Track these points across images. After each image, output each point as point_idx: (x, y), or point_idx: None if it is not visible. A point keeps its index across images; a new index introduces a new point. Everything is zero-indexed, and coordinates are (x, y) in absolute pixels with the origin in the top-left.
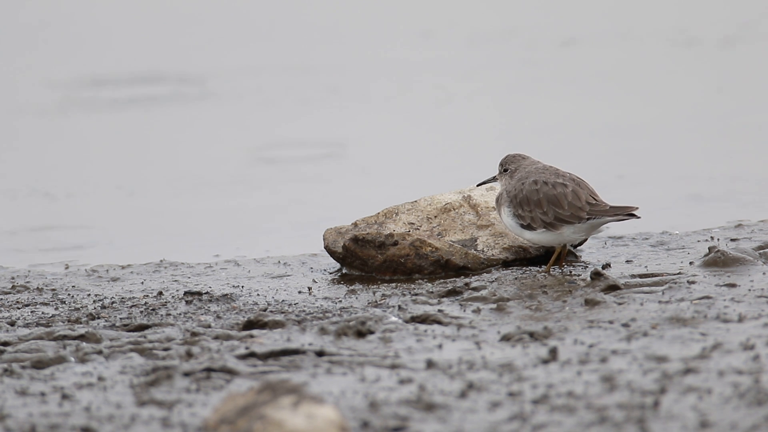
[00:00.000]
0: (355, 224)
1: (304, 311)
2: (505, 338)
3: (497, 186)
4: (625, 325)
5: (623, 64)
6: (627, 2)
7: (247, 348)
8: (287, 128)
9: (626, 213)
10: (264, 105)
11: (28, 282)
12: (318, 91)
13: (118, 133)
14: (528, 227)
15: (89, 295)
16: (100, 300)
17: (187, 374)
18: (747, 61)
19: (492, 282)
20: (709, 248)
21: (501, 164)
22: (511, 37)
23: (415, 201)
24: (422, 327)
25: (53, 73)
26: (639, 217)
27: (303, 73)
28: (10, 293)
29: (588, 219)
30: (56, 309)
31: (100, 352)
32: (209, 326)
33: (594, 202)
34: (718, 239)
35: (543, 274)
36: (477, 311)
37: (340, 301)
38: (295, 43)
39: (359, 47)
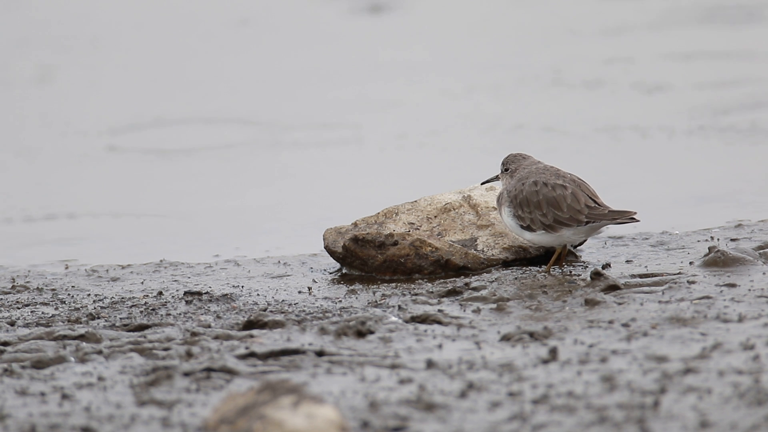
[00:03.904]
0: (355, 224)
1: (304, 311)
2: (505, 338)
3: (498, 185)
4: (625, 325)
5: (622, 63)
6: (626, 2)
7: (247, 348)
8: (288, 128)
9: (626, 217)
10: (266, 105)
11: (28, 282)
12: (317, 92)
13: (116, 132)
14: (528, 228)
15: (89, 295)
16: (100, 300)
17: (187, 374)
18: (745, 60)
19: (492, 282)
20: (709, 248)
21: (503, 163)
22: (510, 36)
23: (415, 201)
24: (422, 327)
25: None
26: (638, 221)
27: (302, 75)
28: (10, 293)
29: (587, 222)
30: (56, 309)
31: (100, 352)
32: (209, 326)
33: (593, 204)
34: (718, 239)
35: (543, 274)
36: (477, 311)
37: (340, 301)
38: (292, 45)
39: (360, 49)
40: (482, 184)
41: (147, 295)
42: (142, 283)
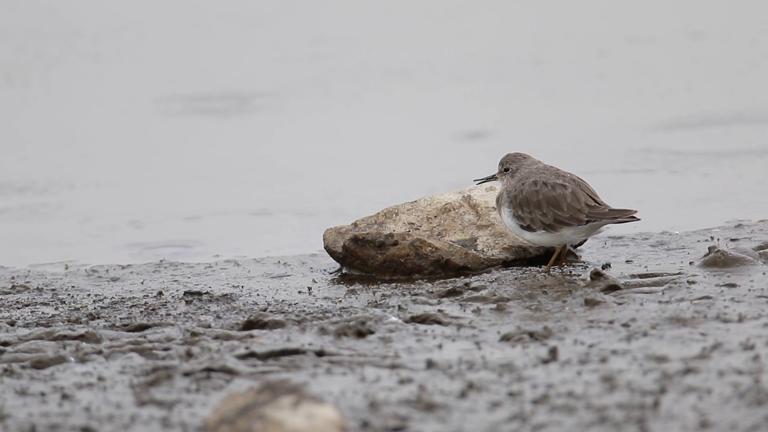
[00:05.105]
0: (355, 224)
1: (304, 311)
2: (505, 338)
3: (497, 185)
4: (625, 325)
5: (622, 62)
6: (625, 2)
7: (247, 348)
8: (286, 131)
9: (626, 216)
10: (268, 109)
11: (28, 282)
12: (315, 93)
13: (119, 133)
14: (528, 228)
15: (89, 295)
16: (100, 300)
17: (187, 374)
18: (747, 59)
19: (492, 282)
20: (709, 248)
21: (501, 163)
22: (509, 36)
23: (415, 201)
24: (422, 327)
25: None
26: (639, 219)
27: (301, 79)
28: (10, 293)
29: (587, 221)
30: (56, 309)
31: (100, 352)
32: (209, 326)
33: (594, 203)
34: (718, 239)
35: (543, 274)
36: (477, 311)
37: (340, 301)
38: (288, 49)
39: (357, 48)
40: (477, 182)
41: (147, 295)
42: (142, 283)
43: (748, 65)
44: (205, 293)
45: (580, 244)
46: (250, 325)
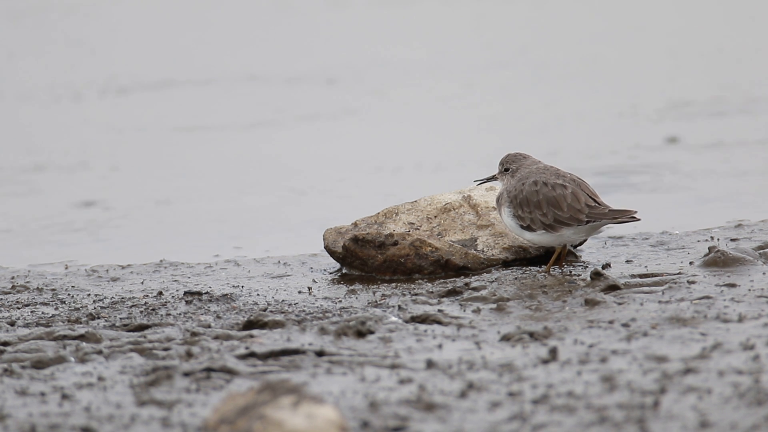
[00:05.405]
0: (355, 224)
1: (304, 311)
2: (505, 338)
3: (498, 185)
4: (625, 325)
5: (621, 61)
6: (623, 2)
7: (247, 348)
8: (286, 131)
9: (626, 216)
10: (266, 111)
11: (28, 282)
12: (313, 91)
13: (117, 132)
14: (528, 228)
15: (89, 295)
16: (100, 300)
17: (187, 374)
18: (748, 59)
19: (492, 282)
20: (709, 248)
21: (501, 163)
22: (509, 37)
23: (415, 201)
24: (422, 327)
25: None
26: (639, 220)
27: (298, 78)
28: (10, 293)
29: (587, 222)
30: (56, 309)
31: (100, 352)
32: (209, 326)
33: (594, 204)
34: (718, 239)
35: (543, 274)
36: (477, 311)
37: (340, 301)
38: (285, 51)
39: (357, 48)
40: (477, 183)
41: (147, 295)
42: (142, 283)
43: (749, 55)
44: (205, 293)
45: (580, 244)
46: (250, 325)
